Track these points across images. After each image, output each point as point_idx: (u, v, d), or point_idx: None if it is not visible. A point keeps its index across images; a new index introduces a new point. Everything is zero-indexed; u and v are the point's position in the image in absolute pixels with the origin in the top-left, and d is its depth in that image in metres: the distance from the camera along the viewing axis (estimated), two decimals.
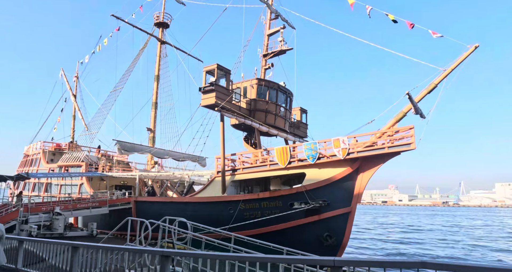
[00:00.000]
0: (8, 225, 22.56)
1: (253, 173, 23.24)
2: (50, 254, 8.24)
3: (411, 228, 53.39)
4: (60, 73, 53.25)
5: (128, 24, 36.16)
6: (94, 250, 7.13)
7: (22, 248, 9.27)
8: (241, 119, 23.59)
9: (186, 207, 23.95)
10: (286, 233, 21.98)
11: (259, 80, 25.93)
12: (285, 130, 27.51)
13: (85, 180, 31.85)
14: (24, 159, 47.64)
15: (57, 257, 7.79)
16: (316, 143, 21.74)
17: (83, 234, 24.47)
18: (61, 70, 53.20)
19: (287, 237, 21.80)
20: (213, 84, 22.19)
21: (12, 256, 10.06)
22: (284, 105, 27.45)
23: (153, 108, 36.31)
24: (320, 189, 21.65)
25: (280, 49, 27.84)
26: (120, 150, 29.64)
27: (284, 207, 21.99)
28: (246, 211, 22.39)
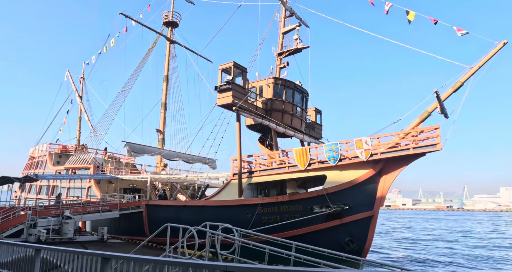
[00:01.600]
0: (15, 229, 21.69)
1: (270, 175, 22.28)
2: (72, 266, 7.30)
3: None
4: (66, 74, 52.53)
5: (137, 22, 35.32)
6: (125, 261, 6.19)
7: (38, 258, 8.34)
8: (258, 119, 22.65)
9: (201, 211, 22.98)
10: (306, 238, 20.99)
11: (275, 79, 25.02)
12: (301, 131, 26.56)
13: (93, 182, 30.93)
14: (30, 161, 46.76)
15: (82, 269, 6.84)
16: (337, 144, 20.82)
17: (93, 238, 23.50)
18: (66, 71, 52.51)
19: (307, 242, 20.81)
20: (230, 83, 21.28)
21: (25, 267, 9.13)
22: (300, 105, 26.53)
23: (162, 109, 35.42)
24: (342, 192, 20.72)
25: (295, 47, 26.94)
26: (130, 152, 28.74)
27: (304, 211, 21.03)
28: (264, 215, 21.42)
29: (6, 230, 21.30)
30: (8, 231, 21.33)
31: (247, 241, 14.14)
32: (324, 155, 20.91)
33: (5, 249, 10.38)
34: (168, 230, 13.33)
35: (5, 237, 20.89)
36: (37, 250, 8.30)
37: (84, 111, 48.07)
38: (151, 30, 36.20)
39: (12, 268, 9.75)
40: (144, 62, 37.65)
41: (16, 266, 9.62)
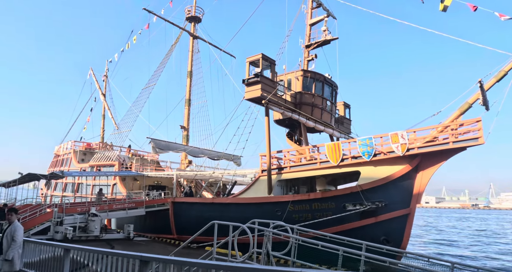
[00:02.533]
0: (42, 226, 21.41)
1: (300, 172, 21.39)
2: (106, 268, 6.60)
3: None
4: (89, 72, 52.67)
5: (159, 18, 34.85)
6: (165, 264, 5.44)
7: (68, 258, 7.69)
8: (288, 113, 21.78)
9: (228, 208, 22.25)
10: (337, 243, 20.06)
11: (304, 72, 24.10)
12: (331, 126, 25.57)
13: (118, 180, 30.59)
14: (55, 159, 46.99)
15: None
16: (371, 138, 19.79)
17: (119, 236, 23.05)
18: (90, 70, 52.62)
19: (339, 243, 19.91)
20: (259, 76, 20.45)
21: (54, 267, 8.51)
22: (329, 98, 25.54)
23: (186, 106, 34.87)
24: (377, 189, 19.71)
25: (324, 39, 25.92)
26: (155, 148, 28.23)
27: (337, 209, 20.08)
28: (295, 213, 20.56)
29: (33, 228, 21.02)
30: (35, 228, 21.05)
31: (308, 240, 13.19)
32: (358, 150, 19.95)
33: (32, 248, 9.81)
34: (215, 228, 12.45)
35: (31, 234, 20.60)
36: (66, 250, 7.66)
37: (108, 109, 48.03)
38: (174, 25, 35.71)
39: (40, 268, 9.17)
40: (168, 58, 37.17)
41: (44, 266, 9.03)
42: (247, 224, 12.16)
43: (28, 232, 20.53)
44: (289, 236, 13.62)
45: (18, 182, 25.37)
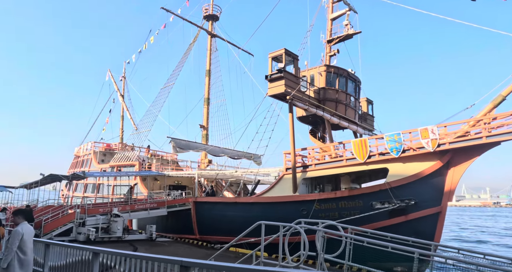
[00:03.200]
0: (65, 227, 21.23)
1: (326, 170, 20.76)
2: None
3: None
4: (107, 74, 52.79)
5: (177, 17, 34.60)
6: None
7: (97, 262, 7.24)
8: (312, 109, 21.17)
9: (252, 208, 21.76)
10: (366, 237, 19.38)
11: (327, 67, 23.45)
12: (355, 122, 24.87)
13: (139, 180, 30.37)
14: (75, 160, 47.20)
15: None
16: (400, 134, 19.05)
17: (141, 237, 22.74)
18: (108, 71, 52.76)
19: None
20: (282, 71, 19.88)
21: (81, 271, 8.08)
22: (353, 94, 24.84)
23: (205, 105, 34.51)
24: (406, 186, 18.95)
25: (346, 33, 25.24)
26: (175, 148, 27.89)
27: (365, 207, 19.41)
28: (321, 211, 19.95)
29: (56, 229, 20.87)
30: (57, 229, 20.89)
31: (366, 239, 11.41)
32: (386, 146, 19.24)
33: (57, 251, 9.43)
34: (263, 229, 11.20)
35: (54, 236, 20.45)
36: (95, 253, 7.21)
37: (127, 110, 48.06)
38: (192, 24, 35.38)
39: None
40: (186, 58, 36.88)
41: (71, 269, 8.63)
42: (293, 223, 11.47)
43: (51, 234, 20.41)
44: (342, 236, 12.34)
45: (40, 183, 25.29)
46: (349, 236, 11.66)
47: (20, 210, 8.00)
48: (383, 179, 25.46)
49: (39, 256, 10.32)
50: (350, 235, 11.93)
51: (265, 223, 11.68)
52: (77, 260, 8.15)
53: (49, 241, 9.86)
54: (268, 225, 20.76)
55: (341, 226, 13.62)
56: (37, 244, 10.82)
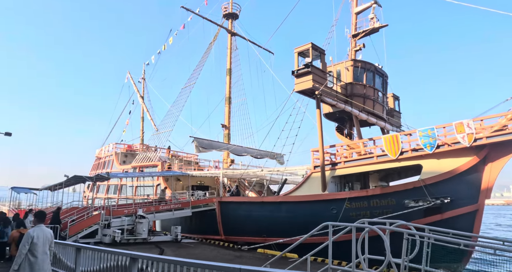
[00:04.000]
0: (90, 229, 20.95)
1: (355, 167, 20.04)
2: None
3: None
4: (126, 76, 52.84)
5: (196, 15, 34.19)
6: None
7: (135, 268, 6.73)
8: (341, 105, 20.47)
9: (279, 207, 21.15)
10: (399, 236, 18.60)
11: (354, 62, 22.73)
12: (383, 118, 24.06)
13: (161, 180, 30.07)
14: (96, 162, 47.34)
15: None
16: (433, 129, 18.25)
17: (167, 239, 22.33)
18: (127, 73, 52.81)
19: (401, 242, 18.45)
20: (309, 66, 19.24)
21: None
22: (381, 89, 24.06)
23: (226, 104, 34.01)
24: (441, 183, 18.10)
25: (372, 27, 24.46)
26: (198, 147, 27.47)
27: (398, 206, 18.62)
28: (352, 210, 19.22)
29: (81, 231, 20.58)
30: (82, 231, 20.60)
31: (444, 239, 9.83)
32: (419, 141, 18.47)
33: (89, 255, 8.96)
34: (330, 231, 9.77)
35: (80, 238, 20.17)
36: (133, 259, 6.69)
37: (147, 111, 47.97)
38: (212, 23, 34.94)
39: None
40: (206, 57, 36.48)
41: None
42: (356, 223, 9.74)
43: (76, 236, 20.14)
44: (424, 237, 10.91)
45: (64, 185, 25.14)
46: (432, 237, 10.10)
47: (36, 212, 7.96)
48: (413, 176, 24.67)
49: (70, 260, 9.91)
50: (431, 235, 10.34)
51: (332, 224, 10.40)
52: (111, 265, 7.66)
53: (80, 244, 9.43)
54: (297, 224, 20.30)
55: (412, 225, 12.35)
56: (67, 248, 10.42)
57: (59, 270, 10.53)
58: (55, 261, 11.49)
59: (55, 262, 11.54)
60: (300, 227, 20.27)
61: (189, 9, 33.35)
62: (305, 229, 19.90)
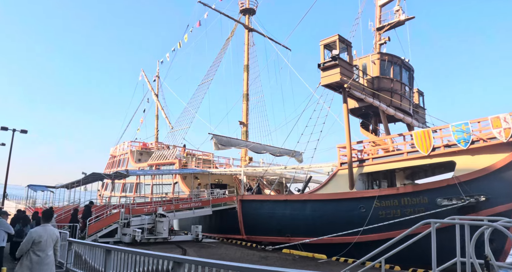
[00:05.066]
0: (109, 228, 20.39)
1: (384, 164, 19.20)
2: None
3: None
4: (140, 74, 52.44)
5: (215, 10, 33.52)
6: None
7: None
8: (369, 99, 19.65)
9: (304, 206, 20.38)
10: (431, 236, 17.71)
11: (381, 55, 21.90)
12: (410, 114, 23.19)
13: (179, 178, 29.47)
14: (111, 160, 46.99)
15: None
16: (467, 124, 17.36)
17: (187, 238, 21.69)
18: (141, 71, 52.39)
19: None
20: (336, 58, 18.44)
21: None
22: (407, 84, 23.17)
23: (244, 101, 33.31)
24: (476, 181, 17.18)
25: (398, 20, 23.59)
26: (217, 144, 26.82)
27: (430, 204, 17.74)
28: (381, 209, 18.39)
29: (100, 230, 20.03)
30: (102, 230, 20.05)
31: None
32: (452, 137, 17.59)
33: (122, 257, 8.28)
34: (433, 229, 7.86)
35: (99, 237, 19.64)
36: (178, 263, 5.98)
37: (161, 109, 47.51)
38: (229, 18, 34.25)
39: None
40: (223, 53, 35.85)
41: None
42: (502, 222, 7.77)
43: (96, 235, 19.60)
44: None
45: (82, 182, 24.66)
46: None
47: (42, 211, 8.12)
48: (441, 174, 23.74)
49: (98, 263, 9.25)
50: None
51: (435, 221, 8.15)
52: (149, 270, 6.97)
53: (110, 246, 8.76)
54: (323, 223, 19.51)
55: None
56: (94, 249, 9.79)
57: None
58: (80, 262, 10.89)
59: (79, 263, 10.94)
60: (326, 226, 19.52)
61: (206, 4, 32.72)
62: (332, 228, 19.27)
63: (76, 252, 11.40)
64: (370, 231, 18.17)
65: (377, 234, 18.11)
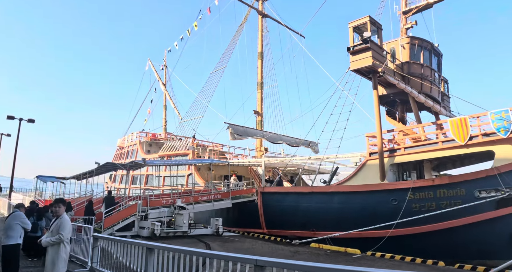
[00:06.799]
0: (126, 221, 19.44)
1: (417, 154, 18.16)
2: None
3: None
4: (147, 63, 51.25)
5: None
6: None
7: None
8: (402, 85, 18.54)
9: (331, 198, 19.37)
10: (468, 230, 16.78)
11: (411, 39, 20.76)
12: (439, 101, 22.10)
13: (193, 170, 28.45)
14: (118, 151, 46.02)
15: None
16: (508, 111, 16.31)
17: (207, 232, 20.69)
18: (148, 61, 51.20)
19: (469, 236, 16.63)
20: (368, 41, 17.30)
21: None
22: (437, 70, 22.05)
23: (258, 89, 32.13)
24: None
25: (426, 2, 22.41)
26: (233, 134, 25.78)
27: (468, 196, 16.72)
28: (415, 202, 17.39)
29: (117, 223, 19.06)
30: (118, 224, 19.09)
31: None
32: (491, 125, 16.54)
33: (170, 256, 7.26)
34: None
35: (116, 230, 18.67)
36: (260, 267, 4.95)
37: (170, 99, 46.41)
38: (242, 2, 32.94)
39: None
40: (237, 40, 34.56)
41: None
42: None
43: (112, 228, 18.65)
44: None
45: (94, 173, 23.64)
46: None
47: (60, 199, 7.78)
48: (471, 165, 22.72)
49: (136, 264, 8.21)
50: None
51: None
52: None
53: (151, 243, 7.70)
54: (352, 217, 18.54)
55: None
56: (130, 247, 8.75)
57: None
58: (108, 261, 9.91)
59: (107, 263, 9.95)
60: (354, 219, 18.54)
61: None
62: (361, 222, 18.26)
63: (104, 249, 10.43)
64: (404, 225, 17.20)
65: (412, 228, 17.16)
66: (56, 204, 7.36)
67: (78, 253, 12.13)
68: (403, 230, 17.19)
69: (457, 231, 16.83)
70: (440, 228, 17.08)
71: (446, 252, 16.59)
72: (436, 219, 16.96)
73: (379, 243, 16.81)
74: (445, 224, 16.98)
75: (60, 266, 6.98)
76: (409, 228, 17.19)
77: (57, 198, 8.31)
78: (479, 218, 16.62)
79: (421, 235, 17.06)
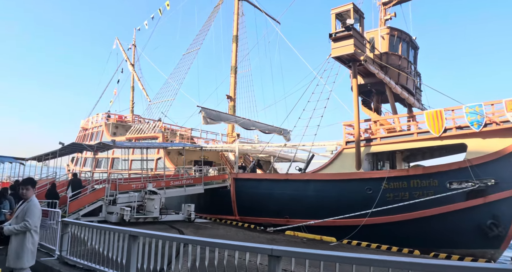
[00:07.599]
0: (93, 206, 18.58)
1: (392, 144, 18.32)
2: None
3: None
4: (115, 42, 49.36)
5: None
6: None
7: None
8: (381, 75, 18.52)
9: (306, 186, 19.27)
10: (438, 220, 17.20)
11: (391, 30, 20.75)
12: (413, 93, 22.34)
13: (163, 154, 27.69)
14: (82, 133, 44.27)
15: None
16: (481, 105, 16.67)
17: (179, 218, 20.13)
18: (115, 39, 49.31)
19: (439, 226, 17.05)
20: (351, 29, 17.09)
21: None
22: (413, 63, 22.24)
23: (232, 73, 31.52)
24: (487, 165, 16.64)
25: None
26: (206, 118, 25.17)
27: (440, 187, 17.05)
28: (389, 191, 17.56)
29: (82, 208, 18.18)
30: (84, 208, 18.21)
31: None
32: (465, 119, 16.87)
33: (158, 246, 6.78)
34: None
35: (81, 215, 17.84)
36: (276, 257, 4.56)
37: (138, 80, 44.93)
38: None
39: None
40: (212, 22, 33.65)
41: None
42: None
43: (78, 213, 17.80)
44: None
45: (58, 154, 22.45)
46: None
47: (29, 180, 6.95)
48: (440, 157, 23.24)
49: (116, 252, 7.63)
50: None
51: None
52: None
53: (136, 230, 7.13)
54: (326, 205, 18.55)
55: None
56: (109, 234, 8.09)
57: (94, 266, 8.27)
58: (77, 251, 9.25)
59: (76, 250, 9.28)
60: (329, 208, 18.56)
61: None
62: (336, 210, 18.31)
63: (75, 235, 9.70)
64: (378, 213, 17.38)
65: (385, 216, 17.37)
66: (24, 186, 6.41)
67: (44, 240, 11.19)
68: (377, 219, 17.35)
69: (429, 220, 17.16)
70: (413, 217, 17.37)
71: (419, 241, 16.91)
72: (409, 209, 17.22)
73: (354, 231, 16.90)
74: (417, 214, 17.27)
75: (25, 260, 6.07)
76: (383, 217, 17.37)
77: (25, 178, 7.17)
78: (450, 208, 17.00)
79: (395, 223, 17.30)
